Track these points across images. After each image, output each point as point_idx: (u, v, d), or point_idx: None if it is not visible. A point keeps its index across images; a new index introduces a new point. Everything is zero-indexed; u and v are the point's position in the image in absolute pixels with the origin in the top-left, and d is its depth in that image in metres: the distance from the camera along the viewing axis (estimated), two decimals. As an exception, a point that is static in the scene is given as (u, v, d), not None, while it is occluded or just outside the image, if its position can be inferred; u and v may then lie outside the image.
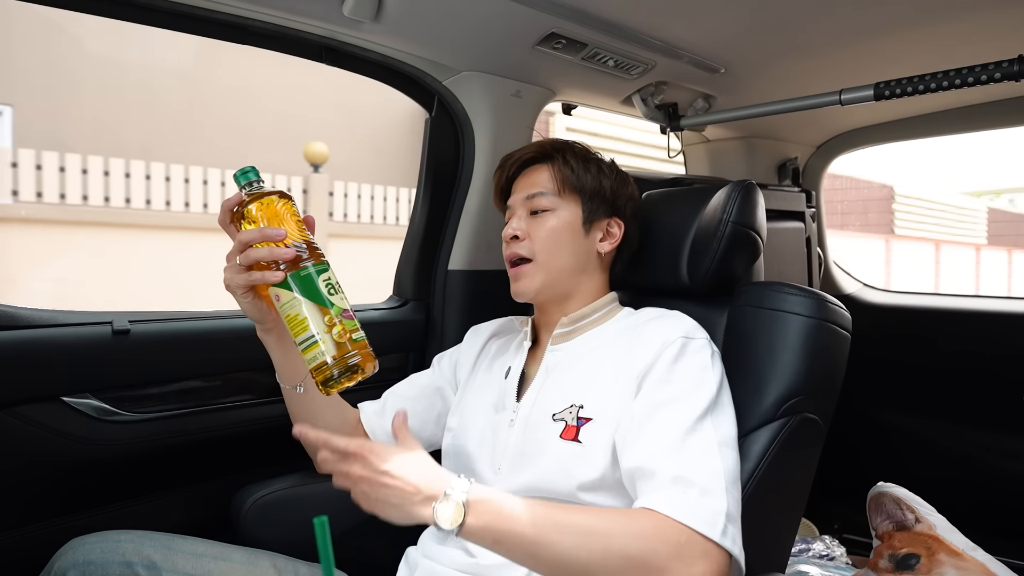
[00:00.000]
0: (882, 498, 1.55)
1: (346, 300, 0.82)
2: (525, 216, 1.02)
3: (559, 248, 0.99)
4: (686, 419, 0.80)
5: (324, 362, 0.78)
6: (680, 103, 1.63)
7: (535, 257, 0.99)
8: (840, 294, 2.18)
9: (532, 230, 1.00)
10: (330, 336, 0.78)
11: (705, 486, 0.75)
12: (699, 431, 0.79)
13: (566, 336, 0.99)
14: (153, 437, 1.08)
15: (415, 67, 1.30)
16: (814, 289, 0.96)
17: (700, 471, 0.76)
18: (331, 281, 0.81)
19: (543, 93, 1.45)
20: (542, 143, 1.07)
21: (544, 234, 0.99)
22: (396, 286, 1.48)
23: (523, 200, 1.02)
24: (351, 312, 0.82)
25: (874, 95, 1.27)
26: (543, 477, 0.87)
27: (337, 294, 0.81)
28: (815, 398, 0.91)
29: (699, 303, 1.07)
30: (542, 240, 0.99)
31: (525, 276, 1.00)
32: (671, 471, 0.76)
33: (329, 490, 1.07)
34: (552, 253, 0.99)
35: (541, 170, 1.03)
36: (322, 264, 0.82)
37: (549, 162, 1.04)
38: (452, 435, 1.04)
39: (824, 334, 0.92)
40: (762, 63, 1.41)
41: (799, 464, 0.94)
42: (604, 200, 1.03)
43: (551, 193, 1.01)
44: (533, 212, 1.01)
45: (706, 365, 0.86)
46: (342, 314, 0.80)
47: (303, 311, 0.79)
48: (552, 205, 1.00)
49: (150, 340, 1.07)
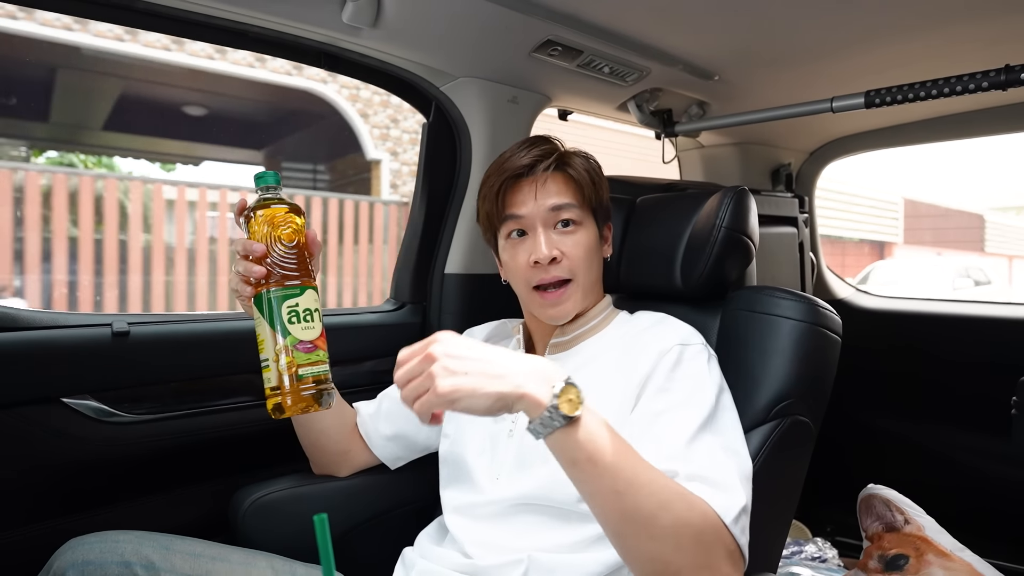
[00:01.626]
0: (872, 500, 1.56)
1: (313, 331, 0.79)
2: (550, 230, 0.93)
3: (592, 266, 0.95)
4: (689, 426, 0.79)
5: (272, 387, 0.78)
6: (675, 109, 1.64)
7: (575, 277, 0.92)
8: (832, 299, 2.19)
9: (564, 248, 0.92)
10: (277, 365, 0.78)
11: (721, 483, 0.74)
12: (703, 438, 0.79)
13: (564, 345, 0.98)
14: (152, 438, 1.08)
15: (413, 73, 1.31)
16: (806, 294, 0.97)
17: (712, 470, 0.75)
18: (298, 309, 0.78)
19: (539, 99, 1.46)
20: (550, 146, 0.96)
21: (581, 252, 0.92)
22: (393, 289, 1.48)
23: (548, 211, 0.92)
24: (312, 346, 0.79)
25: (865, 103, 1.29)
26: (542, 486, 0.87)
27: (299, 323, 0.78)
28: (806, 401, 0.92)
29: (693, 307, 1.08)
30: (580, 259, 0.92)
31: (569, 299, 0.93)
32: (684, 472, 0.75)
33: (327, 491, 1.08)
34: (588, 272, 0.94)
35: (559, 179, 0.94)
36: (292, 289, 0.79)
37: (567, 169, 0.95)
38: (449, 442, 1.03)
39: (815, 338, 0.93)
40: (756, 71, 1.43)
41: (790, 465, 0.95)
42: (605, 207, 1.01)
43: (577, 204, 0.93)
44: (561, 224, 0.93)
45: (702, 371, 0.86)
46: (296, 346, 0.77)
47: (263, 332, 0.79)
48: (581, 218, 0.94)
49: (149, 342, 1.07)
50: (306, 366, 0.78)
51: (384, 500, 1.12)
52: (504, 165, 0.95)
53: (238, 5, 1.03)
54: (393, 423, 1.08)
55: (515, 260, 0.95)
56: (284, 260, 0.80)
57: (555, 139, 1.00)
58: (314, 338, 0.79)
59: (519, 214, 0.94)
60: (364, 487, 1.11)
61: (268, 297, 0.78)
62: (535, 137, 1.00)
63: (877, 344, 2.06)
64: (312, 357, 0.78)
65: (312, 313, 0.80)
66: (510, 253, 0.97)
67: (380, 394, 1.12)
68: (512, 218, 0.95)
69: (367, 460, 1.10)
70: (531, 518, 0.88)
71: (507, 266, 0.99)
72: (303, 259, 0.82)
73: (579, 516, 0.85)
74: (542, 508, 0.87)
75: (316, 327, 0.80)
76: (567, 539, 0.84)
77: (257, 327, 0.80)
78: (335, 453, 1.07)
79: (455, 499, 0.98)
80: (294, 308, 0.78)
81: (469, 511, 0.94)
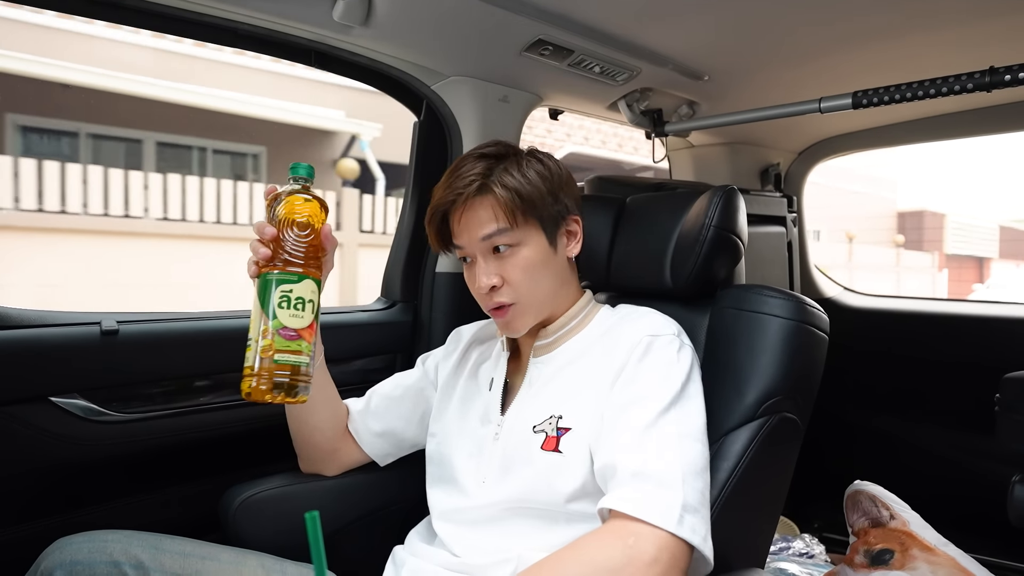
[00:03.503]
0: (858, 496, 1.58)
1: (301, 321, 0.78)
2: (489, 257, 0.92)
3: (539, 281, 0.93)
4: (647, 415, 0.81)
5: (248, 367, 0.78)
6: (665, 109, 1.65)
7: (519, 300, 0.92)
8: (820, 297, 2.21)
9: (504, 272, 0.91)
10: (256, 346, 0.77)
11: (661, 479, 0.75)
12: (659, 425, 0.80)
13: (548, 347, 0.98)
14: (141, 437, 1.07)
15: (404, 72, 1.30)
16: (794, 292, 0.97)
17: (657, 465, 0.76)
18: (291, 295, 0.78)
19: (530, 98, 1.46)
20: (465, 172, 0.91)
21: (519, 274, 0.91)
22: (384, 288, 1.48)
23: (479, 242, 0.91)
24: (296, 334, 0.78)
25: (852, 103, 1.30)
26: (527, 488, 0.87)
27: (288, 309, 0.78)
28: (793, 398, 0.92)
29: (682, 305, 1.08)
30: (521, 281, 0.91)
31: (516, 318, 0.93)
32: (630, 467, 0.77)
33: (317, 489, 1.08)
34: (534, 290, 0.92)
35: (485, 203, 0.90)
36: (292, 276, 0.79)
37: (493, 191, 0.90)
38: (436, 442, 1.04)
39: (803, 336, 0.94)
40: (745, 71, 1.44)
41: (778, 462, 0.95)
42: (556, 206, 0.94)
43: (506, 228, 0.90)
44: (495, 250, 0.92)
45: (671, 360, 0.86)
46: (280, 330, 0.77)
47: (255, 313, 0.79)
48: (513, 240, 0.90)
49: (138, 340, 1.06)
50: (284, 353, 0.77)
51: (374, 498, 1.12)
52: (435, 200, 0.94)
53: (228, 2, 1.03)
54: (382, 420, 1.09)
55: (470, 286, 0.96)
56: (292, 246, 0.81)
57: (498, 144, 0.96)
58: (300, 327, 0.78)
59: (459, 244, 0.94)
60: (354, 485, 1.11)
61: (267, 278, 0.79)
62: (464, 157, 0.95)
63: (864, 342, 2.07)
64: (292, 345, 0.77)
65: (305, 303, 0.79)
66: (467, 277, 0.97)
67: (369, 391, 1.12)
68: (455, 248, 0.96)
69: (356, 458, 1.10)
70: (519, 521, 0.88)
71: None
72: (312, 250, 0.82)
73: (567, 517, 0.86)
74: (529, 511, 0.88)
75: (305, 318, 0.79)
76: (556, 540, 0.84)
77: (252, 307, 0.80)
78: (326, 451, 1.07)
79: (441, 502, 0.98)
80: (287, 293, 0.78)
81: (456, 516, 0.95)
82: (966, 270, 15.96)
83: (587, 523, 0.84)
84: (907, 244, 15.17)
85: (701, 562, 0.77)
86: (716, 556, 0.77)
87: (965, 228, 16.60)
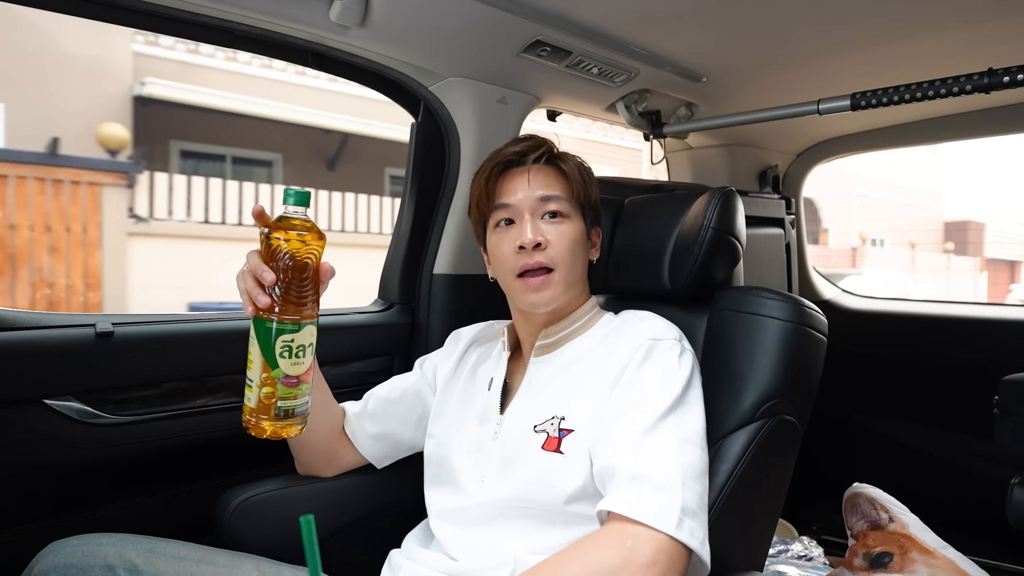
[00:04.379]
0: (857, 499, 1.58)
1: (301, 367, 0.77)
2: (538, 219, 0.95)
3: (576, 261, 0.96)
4: (647, 419, 0.81)
5: (248, 407, 0.78)
6: (663, 111, 1.65)
7: (557, 267, 0.94)
8: (818, 299, 2.21)
9: (550, 236, 0.94)
10: (258, 392, 0.76)
11: (660, 482, 0.75)
12: (659, 429, 0.80)
13: (549, 347, 0.99)
14: (136, 440, 1.07)
15: (401, 72, 1.30)
16: (792, 294, 0.97)
17: (656, 467, 0.77)
18: (292, 344, 0.76)
19: (528, 100, 1.46)
20: (545, 141, 0.99)
21: (566, 243, 0.94)
22: (381, 289, 1.48)
23: (536, 200, 0.95)
24: (297, 380, 0.77)
25: (851, 105, 1.30)
26: (526, 488, 0.87)
27: (291, 358, 0.76)
28: (792, 400, 0.92)
29: (680, 307, 1.08)
30: (564, 249, 0.94)
31: (549, 287, 0.94)
32: (629, 470, 0.77)
33: (313, 492, 1.08)
34: (571, 264, 0.95)
35: (550, 172, 0.97)
36: (291, 324, 0.76)
37: (559, 163, 0.98)
38: (435, 443, 1.03)
39: (801, 338, 0.94)
40: (743, 73, 1.44)
41: (776, 465, 0.95)
42: (595, 210, 1.03)
43: (567, 198, 0.96)
44: (546, 216, 0.95)
45: (672, 365, 0.86)
46: (282, 380, 0.76)
47: (254, 354, 0.77)
48: (568, 212, 0.96)
49: (134, 342, 1.06)
50: (286, 399, 0.77)
51: (371, 501, 1.12)
52: (497, 154, 0.99)
53: (224, 3, 1.03)
54: (379, 422, 1.08)
55: (500, 248, 0.96)
56: (295, 292, 0.77)
57: (547, 140, 1.02)
58: (300, 373, 0.78)
59: (508, 202, 0.96)
60: (351, 488, 1.10)
61: (266, 326, 0.76)
62: (531, 135, 1.02)
63: (864, 344, 2.08)
64: (294, 391, 0.77)
65: (305, 349, 0.78)
66: (496, 241, 0.97)
67: (367, 393, 1.12)
68: (501, 207, 0.96)
69: (353, 460, 1.10)
70: (517, 522, 0.88)
71: (493, 256, 0.99)
72: (313, 290, 0.79)
73: (564, 518, 0.85)
74: (528, 511, 0.87)
75: (306, 362, 0.78)
76: (554, 542, 0.84)
77: (250, 343, 0.78)
78: (323, 452, 1.07)
79: (440, 502, 0.98)
80: (288, 344, 0.76)
81: (454, 516, 0.94)
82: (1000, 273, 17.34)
83: (585, 525, 0.84)
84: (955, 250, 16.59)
85: (699, 566, 0.77)
86: (714, 559, 0.77)
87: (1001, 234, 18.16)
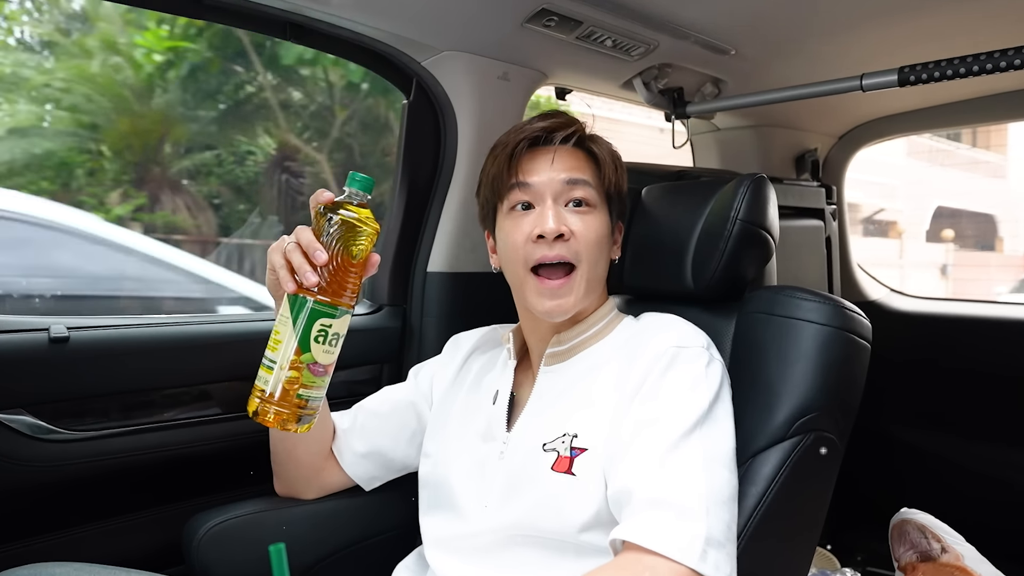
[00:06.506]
0: (905, 526, 1.57)
1: (331, 356, 0.81)
2: (561, 206, 0.92)
3: (600, 256, 0.94)
4: (670, 436, 0.80)
5: (263, 390, 0.80)
6: (686, 88, 1.64)
7: (580, 263, 0.92)
8: (863, 300, 2.20)
9: (575, 227, 0.92)
10: (282, 375, 0.79)
11: (683, 508, 0.75)
12: (683, 448, 0.80)
13: (561, 356, 0.98)
14: (95, 457, 1.07)
15: (390, 46, 1.30)
16: (832, 295, 0.97)
17: (678, 492, 0.76)
18: (329, 330, 0.80)
19: (533, 76, 1.45)
20: (575, 120, 0.97)
21: (592, 236, 0.92)
22: (370, 290, 1.48)
23: (562, 184, 0.92)
24: (324, 370, 0.81)
25: (898, 80, 1.29)
26: (532, 513, 0.87)
27: (324, 345, 0.80)
28: (831, 415, 0.92)
29: (705, 309, 1.08)
30: (590, 243, 0.92)
31: (571, 291, 0.92)
32: (648, 494, 0.76)
33: (293, 516, 1.08)
34: (595, 262, 0.93)
35: (579, 155, 0.96)
36: (332, 308, 0.80)
37: (590, 145, 0.97)
38: (432, 463, 1.03)
39: (842, 344, 0.93)
40: (777, 44, 1.43)
41: (813, 487, 0.95)
42: (621, 204, 1.01)
43: (594, 186, 0.94)
44: (572, 203, 0.93)
45: (698, 376, 0.86)
46: (310, 366, 0.79)
47: (284, 335, 0.80)
48: (595, 202, 0.94)
49: (92, 349, 1.06)
50: (309, 388, 0.80)
51: (357, 527, 1.12)
52: (521, 129, 0.96)
53: None
54: (368, 439, 1.08)
55: (513, 235, 0.93)
56: (341, 275, 0.80)
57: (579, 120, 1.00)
58: (328, 363, 0.81)
59: (528, 182, 0.93)
60: (335, 512, 1.10)
61: (307, 305, 0.79)
62: (559, 111, 1.01)
63: (914, 350, 2.06)
64: (318, 381, 0.81)
65: (339, 339, 0.82)
66: (509, 227, 0.94)
67: (355, 406, 1.12)
68: (520, 186, 0.93)
69: (339, 480, 1.10)
70: (523, 551, 0.88)
71: (503, 244, 0.97)
72: (357, 278, 0.83)
73: (576, 548, 0.85)
74: (535, 539, 0.87)
75: (335, 353, 0.82)
76: (563, 574, 0.84)
77: (278, 323, 0.81)
78: (310, 467, 1.07)
79: (437, 529, 0.98)
80: (325, 328, 0.80)
81: (453, 544, 0.94)
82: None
83: (600, 557, 0.83)
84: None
85: None
86: (743, 594, 0.76)
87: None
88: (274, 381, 0.79)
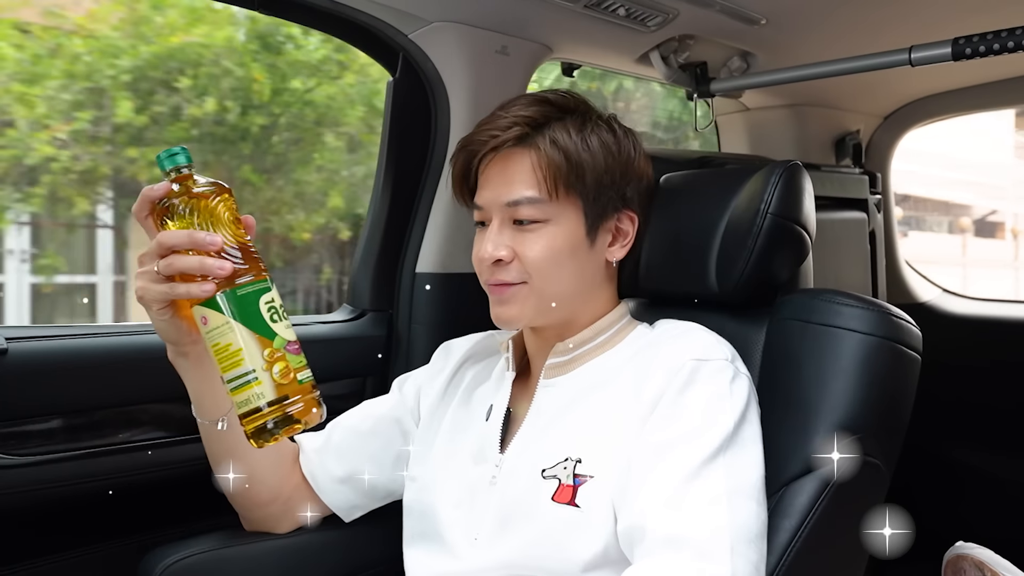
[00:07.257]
0: (961, 562, 1.56)
1: (292, 330, 0.82)
2: (507, 226, 0.94)
3: (558, 271, 0.94)
4: (689, 463, 0.80)
5: (258, 408, 0.78)
6: (711, 63, 1.64)
7: (529, 279, 0.94)
8: (913, 303, 2.19)
9: (520, 248, 0.93)
10: (270, 375, 0.78)
11: (703, 547, 0.75)
12: (704, 477, 0.79)
13: (564, 367, 0.98)
14: (36, 485, 1.07)
15: (374, 16, 1.29)
16: (876, 300, 0.96)
17: (699, 528, 0.76)
18: (274, 304, 0.81)
19: (536, 49, 1.45)
20: (512, 111, 0.95)
21: (538, 254, 0.93)
22: (350, 294, 1.48)
23: (501, 206, 0.94)
24: (298, 346, 0.81)
25: (952, 53, 1.28)
26: (530, 550, 0.86)
27: (281, 322, 0.81)
28: (876, 436, 0.91)
29: (731, 316, 1.07)
30: (536, 260, 0.93)
31: (515, 300, 0.94)
32: (664, 531, 0.76)
33: (261, 553, 1.07)
34: (550, 277, 0.94)
35: (519, 158, 0.93)
36: (263, 282, 0.81)
37: (529, 145, 0.93)
38: (417, 488, 1.03)
39: (889, 356, 0.92)
40: (813, 13, 1.43)
41: (855, 519, 0.94)
42: (612, 190, 0.96)
43: (540, 198, 0.92)
44: (517, 221, 0.94)
45: (722, 393, 0.85)
46: (286, 347, 0.80)
47: (237, 340, 0.78)
48: (544, 215, 0.93)
49: (35, 362, 1.06)
50: (302, 369, 0.81)
51: (335, 563, 1.11)
52: (465, 139, 0.98)
53: None
54: (346, 462, 1.07)
55: (475, 251, 0.97)
56: (242, 245, 0.81)
57: (566, 95, 0.98)
58: (295, 338, 0.82)
59: (478, 204, 0.97)
60: (310, 546, 1.09)
61: (240, 294, 0.79)
62: (519, 97, 0.99)
63: (970, 358, 2.05)
64: (302, 360, 0.82)
65: (283, 309, 0.82)
66: (475, 241, 0.99)
67: (330, 424, 1.11)
68: (471, 205, 0.98)
69: (314, 511, 1.09)
70: None
71: None
72: (251, 241, 0.84)
73: None
74: None
75: (291, 325, 0.83)
76: None
77: (217, 338, 0.79)
78: (273, 504, 1.06)
79: (421, 565, 0.97)
80: (272, 305, 0.80)
81: None
82: None
83: None
84: None
85: None
86: (775, 645, 0.76)
87: None
88: (265, 389, 0.78)
